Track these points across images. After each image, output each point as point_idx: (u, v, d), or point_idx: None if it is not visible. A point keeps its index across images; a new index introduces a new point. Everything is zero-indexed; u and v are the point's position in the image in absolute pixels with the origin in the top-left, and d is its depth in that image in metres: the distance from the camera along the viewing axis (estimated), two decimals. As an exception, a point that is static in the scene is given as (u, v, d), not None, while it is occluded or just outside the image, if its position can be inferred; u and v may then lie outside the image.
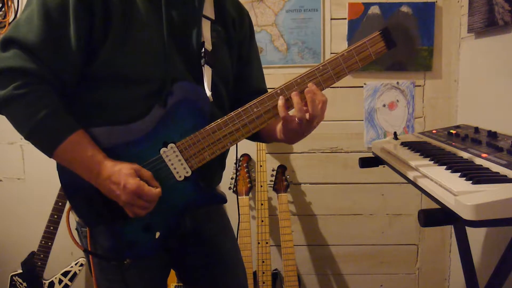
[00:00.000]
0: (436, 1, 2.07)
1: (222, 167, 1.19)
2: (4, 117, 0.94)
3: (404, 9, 2.07)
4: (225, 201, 1.11)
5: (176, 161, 0.99)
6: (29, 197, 2.29)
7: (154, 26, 0.99)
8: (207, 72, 1.04)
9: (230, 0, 1.18)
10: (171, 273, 1.27)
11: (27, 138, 0.93)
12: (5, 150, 2.27)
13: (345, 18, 2.08)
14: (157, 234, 1.03)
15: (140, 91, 0.98)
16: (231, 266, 1.27)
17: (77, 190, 0.98)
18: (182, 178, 1.00)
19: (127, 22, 0.94)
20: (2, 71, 0.89)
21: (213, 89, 1.05)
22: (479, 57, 1.91)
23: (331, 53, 2.13)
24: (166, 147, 0.98)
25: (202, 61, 1.04)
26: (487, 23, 1.73)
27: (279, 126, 1.06)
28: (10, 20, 2.15)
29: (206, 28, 1.07)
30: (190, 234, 1.16)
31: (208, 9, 1.09)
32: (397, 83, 2.14)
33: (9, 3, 2.14)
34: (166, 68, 0.99)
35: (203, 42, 1.04)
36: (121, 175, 0.91)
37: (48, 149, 0.93)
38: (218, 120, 1.00)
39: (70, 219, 1.06)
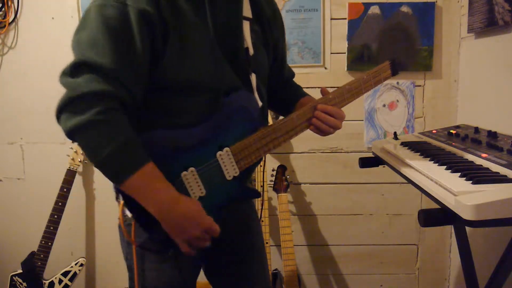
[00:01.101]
0: (436, 1, 2.07)
1: (259, 163, 1.26)
2: (4, 117, 0.94)
3: (404, 9, 2.07)
4: (260, 195, 1.20)
5: (229, 163, 1.07)
6: (29, 197, 2.29)
7: (204, 36, 1.02)
8: (253, 78, 1.11)
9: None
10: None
11: (99, 163, 0.92)
12: (5, 150, 2.27)
13: (345, 18, 2.08)
14: None
15: (198, 98, 1.03)
16: (260, 257, 1.33)
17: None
18: (231, 177, 1.07)
19: (182, 32, 0.97)
20: (80, 96, 0.87)
21: (258, 93, 1.13)
22: (479, 57, 1.91)
23: (331, 53, 2.13)
24: (222, 151, 1.05)
25: (249, 69, 1.10)
26: (487, 23, 1.73)
27: None
28: (10, 20, 2.15)
29: (246, 30, 1.10)
30: (227, 227, 1.20)
31: (246, 8, 1.11)
32: (397, 83, 2.14)
33: (9, 3, 2.14)
34: (218, 76, 1.04)
35: (247, 48, 1.09)
36: (197, 213, 0.97)
37: (121, 177, 0.92)
38: (267, 127, 1.10)
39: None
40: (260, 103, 1.12)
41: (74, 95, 0.88)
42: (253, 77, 1.11)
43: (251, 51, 1.10)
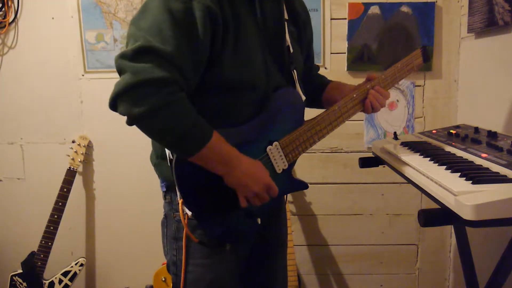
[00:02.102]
0: (436, 1, 2.07)
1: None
2: (4, 117, 0.94)
3: (404, 9, 2.07)
4: (307, 187, 1.25)
5: (278, 157, 1.12)
6: (29, 197, 2.29)
7: (256, 38, 1.07)
8: (295, 74, 1.17)
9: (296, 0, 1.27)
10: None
11: (174, 142, 0.94)
12: (5, 150, 2.27)
13: (345, 18, 2.08)
14: (259, 220, 1.13)
15: (248, 96, 1.07)
16: (285, 250, 1.40)
17: (193, 189, 1.04)
18: (281, 170, 1.13)
19: (237, 32, 1.01)
20: (147, 81, 0.87)
21: (300, 88, 1.19)
22: (479, 57, 1.91)
23: (331, 53, 2.13)
24: (271, 145, 1.10)
25: (292, 66, 1.17)
26: (487, 23, 1.73)
27: None
28: (10, 20, 2.16)
29: (286, 30, 1.16)
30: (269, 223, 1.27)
31: (284, 10, 1.17)
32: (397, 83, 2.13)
33: (9, 3, 2.14)
34: (267, 75, 1.08)
35: (288, 46, 1.16)
36: (258, 169, 1.04)
37: (193, 151, 0.95)
38: (311, 120, 1.16)
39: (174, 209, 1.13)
40: (303, 97, 1.18)
41: (136, 80, 0.87)
42: (294, 73, 1.17)
43: (291, 49, 1.16)
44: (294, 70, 1.17)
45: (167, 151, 1.05)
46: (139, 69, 0.87)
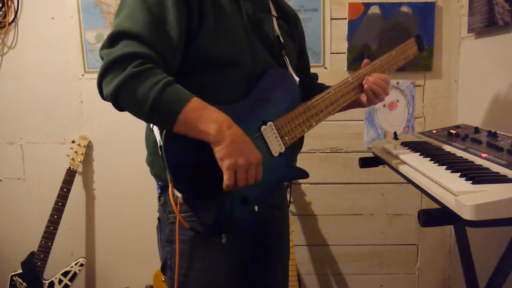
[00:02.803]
0: (436, 1, 2.07)
1: (301, 146, 1.29)
2: (4, 117, 0.94)
3: (404, 9, 2.07)
4: (308, 175, 1.21)
5: (273, 138, 1.08)
6: (29, 197, 2.29)
7: (238, 19, 1.07)
8: (287, 60, 1.17)
9: (284, 2, 1.30)
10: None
11: (149, 111, 0.91)
12: (5, 150, 2.27)
13: (345, 18, 2.08)
14: (256, 208, 1.08)
15: (234, 74, 1.05)
16: (286, 250, 1.37)
17: (184, 169, 0.99)
18: (277, 154, 1.10)
19: (217, 13, 1.02)
20: (117, 59, 0.90)
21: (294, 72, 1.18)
22: (479, 57, 1.91)
23: (331, 53, 2.13)
24: (266, 125, 1.07)
25: (283, 51, 1.16)
26: (487, 23, 1.73)
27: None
28: (10, 20, 2.16)
29: (274, 23, 1.17)
30: (269, 213, 1.23)
31: (271, 7, 1.19)
32: (397, 83, 2.14)
33: (9, 3, 2.14)
34: (253, 53, 1.07)
35: (278, 36, 1.16)
36: (249, 143, 0.97)
37: (172, 116, 0.91)
38: (307, 102, 1.15)
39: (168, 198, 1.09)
40: (297, 78, 1.17)
41: (110, 60, 0.90)
42: (286, 59, 1.16)
43: (282, 40, 1.17)
44: (286, 56, 1.16)
45: (159, 144, 1.01)
46: (111, 51, 0.91)
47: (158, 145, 1.01)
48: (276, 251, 1.30)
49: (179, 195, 1.02)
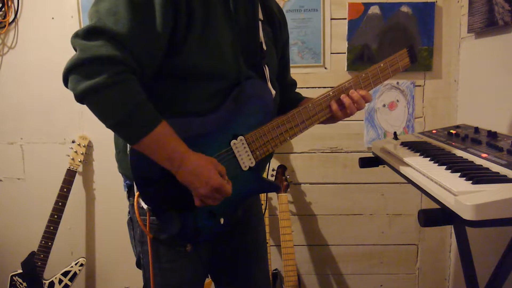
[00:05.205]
0: (436, 1, 2.07)
1: (271, 157, 1.26)
2: (4, 117, 0.94)
3: (404, 9, 2.07)
4: (280, 188, 1.18)
5: (244, 153, 1.06)
6: (29, 197, 2.29)
7: (227, 30, 1.04)
8: (266, 70, 1.14)
9: (273, 2, 1.26)
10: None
11: (113, 126, 0.91)
12: (5, 150, 2.27)
13: (345, 18, 2.08)
14: (222, 220, 1.08)
15: (214, 86, 1.03)
16: (263, 254, 1.35)
17: (149, 182, 0.99)
18: (247, 168, 1.07)
19: (207, 22, 0.98)
20: (91, 59, 0.87)
21: (271, 84, 1.15)
22: (479, 57, 1.91)
23: (331, 53, 2.13)
24: (236, 139, 1.05)
25: (263, 61, 1.13)
26: (487, 23, 1.73)
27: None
28: (10, 20, 2.15)
29: (260, 28, 1.14)
30: (239, 222, 1.22)
31: (259, 10, 1.15)
32: (397, 83, 2.14)
33: (9, 3, 2.14)
34: (235, 66, 1.05)
35: (261, 42, 1.13)
36: (205, 170, 0.95)
37: (136, 137, 0.91)
38: (282, 116, 1.10)
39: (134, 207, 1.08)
40: (273, 91, 1.14)
41: (84, 57, 0.87)
42: (266, 69, 1.14)
43: (264, 47, 1.14)
44: (266, 66, 1.14)
45: (129, 147, 1.00)
46: (88, 46, 0.87)
47: (128, 147, 1.00)
48: (251, 256, 1.30)
49: (144, 206, 1.03)
